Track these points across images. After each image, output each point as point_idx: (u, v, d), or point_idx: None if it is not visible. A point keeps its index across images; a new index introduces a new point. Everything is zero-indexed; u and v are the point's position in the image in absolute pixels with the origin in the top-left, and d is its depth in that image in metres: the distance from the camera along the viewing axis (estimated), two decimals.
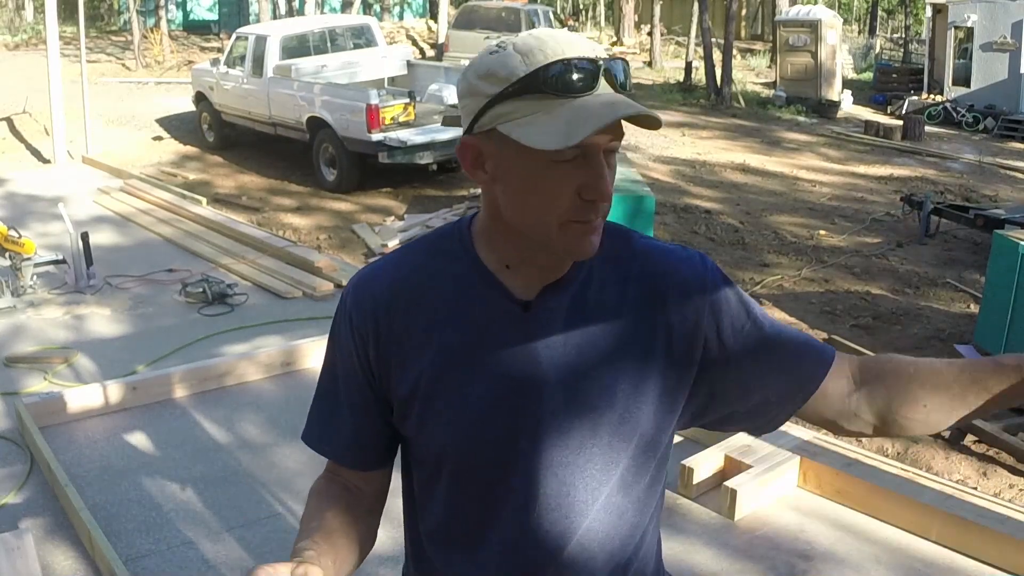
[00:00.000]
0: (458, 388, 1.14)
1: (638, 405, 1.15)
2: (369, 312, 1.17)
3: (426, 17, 27.35)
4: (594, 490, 1.16)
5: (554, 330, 1.14)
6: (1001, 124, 15.15)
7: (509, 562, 1.17)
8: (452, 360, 1.14)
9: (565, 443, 1.14)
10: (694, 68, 19.17)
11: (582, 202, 1.05)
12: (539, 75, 1.02)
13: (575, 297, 1.15)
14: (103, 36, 25.51)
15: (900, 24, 33.53)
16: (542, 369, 1.13)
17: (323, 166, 9.65)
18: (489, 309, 1.14)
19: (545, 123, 1.02)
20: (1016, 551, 3.06)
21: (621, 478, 1.17)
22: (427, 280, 1.17)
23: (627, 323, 1.15)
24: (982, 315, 5.38)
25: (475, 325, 1.14)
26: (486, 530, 1.17)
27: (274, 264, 6.65)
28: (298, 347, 4.90)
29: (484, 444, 1.15)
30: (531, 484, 1.14)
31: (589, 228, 1.07)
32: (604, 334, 1.15)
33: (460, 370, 1.14)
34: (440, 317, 1.15)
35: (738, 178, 10.84)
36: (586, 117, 1.01)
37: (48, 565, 3.11)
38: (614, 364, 1.14)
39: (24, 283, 5.86)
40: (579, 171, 1.04)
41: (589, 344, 1.14)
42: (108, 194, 8.95)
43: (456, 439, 1.15)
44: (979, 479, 3.97)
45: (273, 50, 10.16)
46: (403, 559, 1.39)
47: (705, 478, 3.61)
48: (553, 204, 1.06)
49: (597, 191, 1.05)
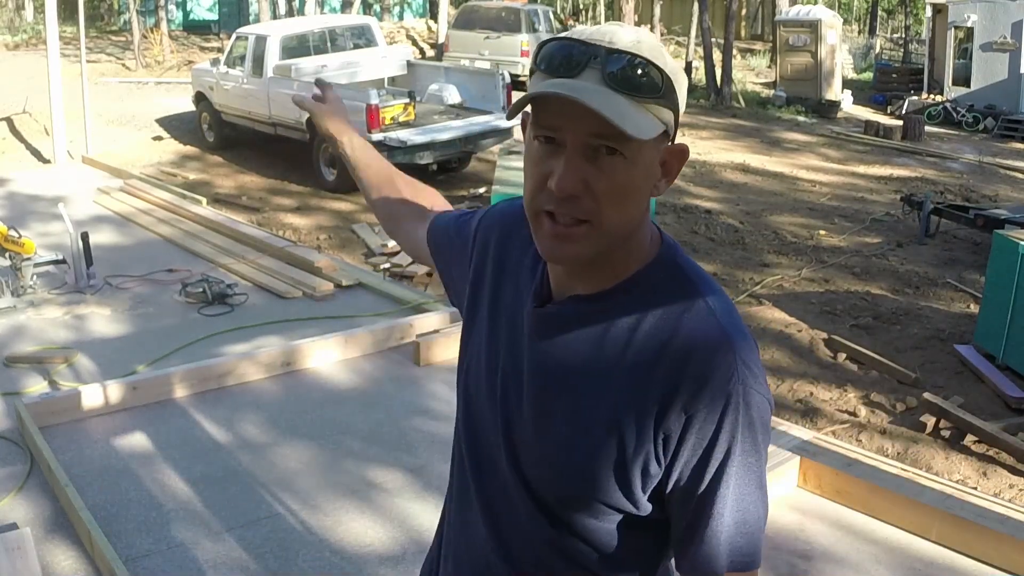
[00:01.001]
0: (479, 355, 1.20)
1: (592, 459, 1.05)
2: (490, 225, 1.27)
3: (426, 17, 27.36)
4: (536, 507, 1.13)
5: (556, 341, 1.09)
6: (1001, 124, 15.16)
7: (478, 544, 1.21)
8: (491, 325, 1.19)
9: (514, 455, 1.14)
10: (694, 68, 19.18)
11: (548, 191, 1.00)
12: (537, 50, 1.03)
13: (596, 321, 1.07)
14: (103, 36, 25.50)
15: (900, 24, 33.53)
16: (524, 371, 1.12)
17: (323, 166, 9.65)
18: (522, 291, 1.16)
19: (522, 96, 1.03)
20: (1016, 551, 3.07)
21: (574, 529, 1.10)
22: (517, 238, 1.20)
23: (629, 378, 1.04)
24: (982, 315, 5.38)
25: (511, 299, 1.18)
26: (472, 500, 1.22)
27: (274, 264, 6.64)
28: (298, 347, 4.90)
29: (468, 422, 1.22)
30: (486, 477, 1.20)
31: (557, 230, 1.01)
32: (595, 376, 1.06)
33: (489, 339, 1.19)
34: (505, 271, 1.20)
35: (738, 178, 10.84)
36: (538, 88, 0.98)
37: (48, 565, 3.11)
38: (587, 406, 1.06)
39: (24, 283, 5.86)
40: (552, 157, 1.00)
41: (577, 373, 1.07)
42: (108, 194, 8.95)
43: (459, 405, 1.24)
44: (979, 479, 3.97)
45: (273, 50, 10.16)
46: (403, 559, 1.41)
47: None
48: (530, 185, 1.03)
49: (556, 184, 0.98)
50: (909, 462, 4.02)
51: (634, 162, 0.99)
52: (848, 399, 4.77)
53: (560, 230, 1.01)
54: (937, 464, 4.09)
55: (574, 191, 0.98)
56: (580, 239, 1.01)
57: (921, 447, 4.23)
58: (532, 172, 1.03)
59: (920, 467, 3.97)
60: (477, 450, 1.20)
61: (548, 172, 1.00)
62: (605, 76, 0.97)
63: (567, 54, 0.99)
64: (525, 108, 1.03)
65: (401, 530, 3.37)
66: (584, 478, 1.06)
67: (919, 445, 4.25)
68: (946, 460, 4.13)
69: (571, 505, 1.10)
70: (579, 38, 1.00)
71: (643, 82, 0.98)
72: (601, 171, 0.98)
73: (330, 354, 4.95)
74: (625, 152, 0.98)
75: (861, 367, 5.18)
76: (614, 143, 0.97)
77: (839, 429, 4.42)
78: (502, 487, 1.16)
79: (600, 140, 0.97)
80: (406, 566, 3.11)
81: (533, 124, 1.02)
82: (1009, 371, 4.94)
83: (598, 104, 0.94)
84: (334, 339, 5.01)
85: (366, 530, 3.37)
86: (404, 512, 3.47)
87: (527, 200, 1.05)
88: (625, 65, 0.97)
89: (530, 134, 1.03)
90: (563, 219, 1.00)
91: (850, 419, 4.54)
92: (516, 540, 1.15)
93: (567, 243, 1.01)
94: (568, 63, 0.99)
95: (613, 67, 0.97)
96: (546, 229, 1.02)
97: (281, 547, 3.27)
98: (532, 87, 1.01)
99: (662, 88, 0.99)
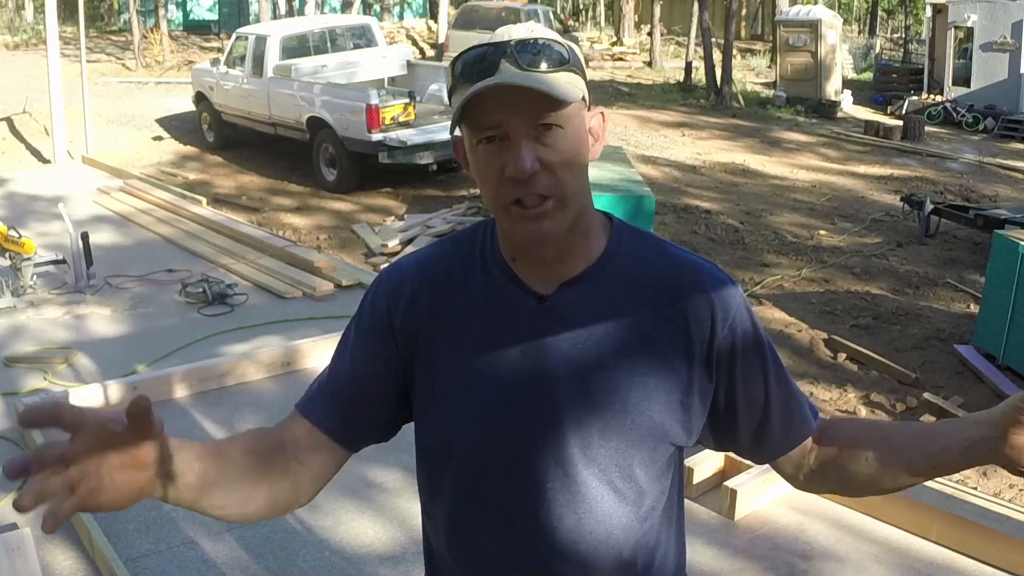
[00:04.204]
0: (471, 375, 1.16)
1: (649, 408, 1.14)
2: (402, 290, 1.21)
3: (426, 17, 27.36)
4: (603, 488, 1.15)
5: (569, 325, 1.14)
6: (1001, 124, 15.16)
7: (519, 555, 1.17)
8: (469, 347, 1.17)
9: (574, 440, 1.14)
10: (694, 68, 19.18)
11: (509, 181, 1.07)
12: (452, 67, 1.11)
13: (593, 295, 1.15)
14: (103, 36, 25.52)
15: (900, 24, 33.53)
16: (554, 364, 1.14)
17: (323, 166, 9.65)
18: (506, 299, 1.16)
19: (455, 109, 1.08)
20: (1016, 551, 3.06)
21: (631, 479, 1.16)
22: (455, 268, 1.20)
23: (645, 326, 1.15)
24: (982, 315, 5.38)
25: (493, 315, 1.16)
26: (494, 522, 1.18)
27: (274, 264, 6.64)
28: (298, 347, 4.90)
29: (491, 435, 1.15)
30: (539, 480, 1.14)
31: (529, 213, 1.08)
32: (620, 334, 1.15)
33: (475, 358, 1.16)
34: (462, 305, 1.18)
35: (738, 178, 10.84)
36: (465, 98, 1.05)
37: (48, 565, 3.12)
38: (627, 365, 1.14)
39: (24, 283, 5.86)
40: (502, 152, 1.07)
41: (603, 343, 1.14)
42: (108, 194, 8.95)
43: (464, 429, 1.16)
44: (979, 479, 3.97)
45: (273, 50, 10.16)
46: (403, 559, 1.40)
47: (705, 478, 3.61)
48: (489, 186, 1.10)
49: (515, 169, 1.06)
50: None
51: (571, 131, 1.09)
52: (848, 399, 4.77)
53: (531, 212, 1.08)
54: None
55: (532, 168, 1.06)
56: (551, 214, 1.09)
57: None
58: (487, 174, 1.10)
59: None
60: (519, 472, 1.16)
61: (502, 165, 1.07)
62: (520, 64, 1.07)
63: (481, 57, 1.08)
64: (455, 130, 1.12)
65: (401, 530, 3.37)
66: (659, 430, 1.15)
67: None
68: None
69: (637, 462, 1.16)
70: (486, 43, 1.09)
71: (552, 56, 1.09)
72: (548, 147, 1.07)
73: (330, 354, 4.93)
74: (563, 124, 1.07)
75: (861, 367, 5.18)
76: (551, 119, 1.06)
77: None
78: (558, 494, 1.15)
79: (539, 120, 1.06)
80: (406, 566, 3.11)
81: (473, 130, 1.09)
82: (1009, 371, 4.94)
83: (529, 83, 1.04)
84: (334, 339, 4.97)
85: (366, 530, 3.37)
86: (404, 512, 3.47)
87: (491, 201, 1.11)
88: (531, 49, 1.08)
89: (469, 144, 1.11)
90: (530, 200, 1.08)
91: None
92: (590, 526, 1.16)
93: (542, 220, 1.09)
94: (485, 65, 1.07)
95: (523, 54, 1.07)
96: (518, 216, 1.09)
97: (281, 547, 3.27)
98: (460, 97, 1.07)
99: (569, 57, 1.10)
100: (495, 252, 1.18)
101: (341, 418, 1.24)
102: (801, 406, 1.24)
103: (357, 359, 1.26)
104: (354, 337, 1.27)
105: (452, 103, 1.12)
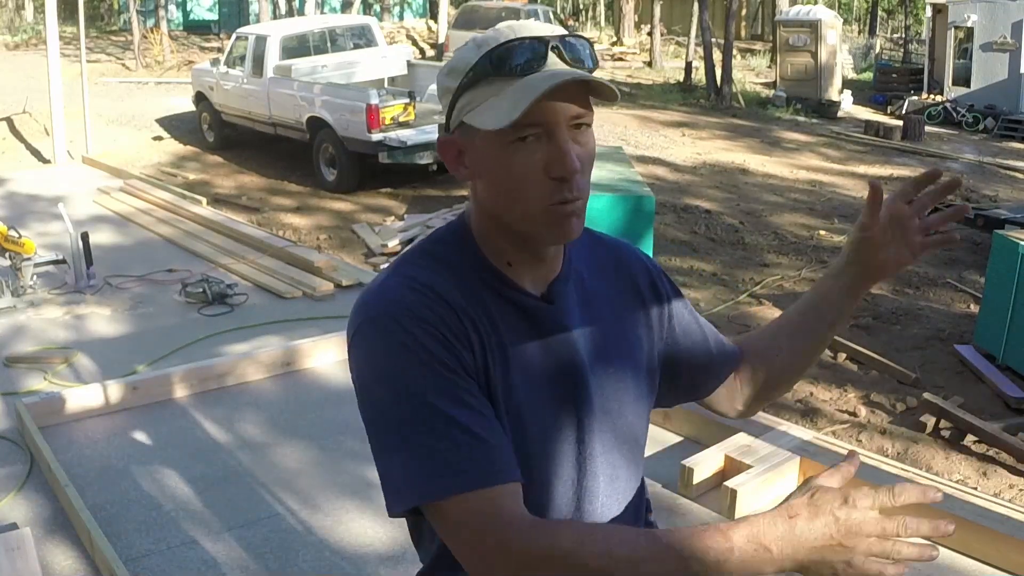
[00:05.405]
0: (528, 392, 1.12)
1: (645, 380, 1.26)
2: (453, 313, 1.07)
3: (426, 17, 27.36)
4: (628, 468, 1.25)
5: (575, 320, 1.18)
6: (1001, 124, 15.16)
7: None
8: (512, 364, 1.11)
9: (608, 426, 1.20)
10: (694, 68, 19.18)
11: (552, 181, 1.05)
12: (487, 60, 1.05)
13: (577, 288, 1.20)
14: (103, 36, 25.52)
15: (900, 24, 33.53)
16: (581, 358, 1.17)
17: (323, 166, 9.65)
18: (519, 310, 1.14)
19: (495, 105, 1.04)
20: (1016, 551, 3.06)
21: (643, 434, 1.28)
22: (457, 293, 1.10)
23: (621, 308, 1.25)
24: (982, 315, 5.37)
25: (514, 328, 1.13)
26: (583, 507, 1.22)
27: (274, 264, 6.65)
28: (298, 347, 4.90)
29: (559, 443, 1.16)
30: (592, 473, 1.19)
31: (569, 210, 1.07)
32: (609, 319, 1.22)
33: (522, 373, 1.11)
34: (488, 327, 1.10)
35: (738, 178, 10.84)
36: (529, 90, 1.01)
37: (48, 565, 3.11)
38: (624, 346, 1.23)
39: (24, 283, 5.86)
40: (542, 150, 1.04)
41: (602, 330, 1.21)
42: (108, 194, 8.95)
43: (538, 443, 1.13)
44: (979, 479, 3.97)
45: (273, 50, 10.17)
46: (403, 559, 1.41)
47: (705, 478, 3.60)
48: (524, 187, 1.05)
49: (562, 167, 1.03)
50: (909, 462, 4.02)
51: (592, 130, 1.10)
52: (848, 399, 4.77)
53: (575, 208, 1.08)
54: (937, 464, 4.09)
55: (578, 166, 1.05)
56: (579, 212, 1.09)
57: (921, 447, 4.23)
58: (523, 173, 1.05)
59: (920, 467, 3.97)
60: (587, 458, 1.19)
61: (541, 165, 1.05)
62: (567, 59, 1.06)
63: (531, 51, 1.05)
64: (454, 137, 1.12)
65: (401, 530, 3.36)
66: (651, 386, 1.28)
67: (919, 445, 4.25)
68: (946, 460, 4.13)
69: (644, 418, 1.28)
70: (523, 35, 1.06)
71: (590, 53, 1.10)
72: (582, 145, 1.07)
73: (330, 354, 4.95)
74: (591, 123, 1.08)
75: (861, 367, 5.18)
76: (587, 118, 1.06)
77: (839, 429, 4.42)
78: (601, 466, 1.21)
79: (578, 119, 1.05)
80: (406, 566, 3.11)
81: (513, 127, 1.02)
82: (1009, 371, 4.94)
83: (577, 76, 1.03)
84: (334, 339, 5.01)
85: (366, 530, 3.37)
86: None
87: (527, 202, 1.06)
88: (575, 44, 1.08)
89: (495, 144, 1.05)
90: (573, 195, 1.06)
91: (850, 419, 4.54)
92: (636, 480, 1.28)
93: (572, 219, 1.09)
94: (536, 58, 1.05)
95: (574, 51, 1.07)
96: (560, 216, 1.07)
97: (281, 547, 3.27)
98: (515, 89, 1.03)
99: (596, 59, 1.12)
100: (487, 264, 1.14)
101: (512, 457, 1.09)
102: (720, 337, 1.38)
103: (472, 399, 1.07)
104: (447, 381, 1.05)
105: (470, 99, 1.07)
